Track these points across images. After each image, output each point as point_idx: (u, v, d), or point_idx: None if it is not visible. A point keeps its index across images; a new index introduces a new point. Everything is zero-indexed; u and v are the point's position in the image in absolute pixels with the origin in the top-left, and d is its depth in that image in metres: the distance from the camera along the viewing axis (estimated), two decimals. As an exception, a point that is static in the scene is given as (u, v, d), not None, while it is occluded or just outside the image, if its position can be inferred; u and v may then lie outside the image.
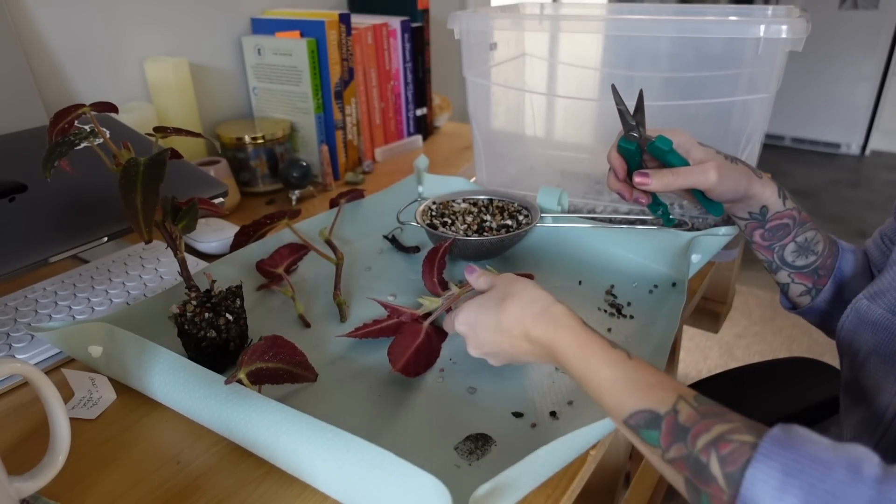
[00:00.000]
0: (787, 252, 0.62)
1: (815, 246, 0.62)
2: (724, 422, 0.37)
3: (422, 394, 0.55)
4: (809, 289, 0.64)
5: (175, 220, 0.53)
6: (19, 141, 0.73)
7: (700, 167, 0.56)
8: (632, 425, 0.41)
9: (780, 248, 0.62)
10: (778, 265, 0.63)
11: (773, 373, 0.90)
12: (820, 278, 0.63)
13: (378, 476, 0.41)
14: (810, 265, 0.62)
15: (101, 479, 0.47)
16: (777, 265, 0.64)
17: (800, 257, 0.62)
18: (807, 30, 0.66)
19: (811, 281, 0.63)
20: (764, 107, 0.73)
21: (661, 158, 0.59)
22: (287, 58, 1.00)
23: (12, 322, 0.63)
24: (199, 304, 0.56)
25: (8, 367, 0.40)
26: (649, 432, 0.39)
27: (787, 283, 0.64)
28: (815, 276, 0.63)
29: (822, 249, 0.62)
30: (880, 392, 0.52)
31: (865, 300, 0.55)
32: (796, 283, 0.64)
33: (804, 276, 0.63)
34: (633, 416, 0.40)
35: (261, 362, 0.50)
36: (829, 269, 0.63)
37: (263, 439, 0.46)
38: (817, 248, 0.62)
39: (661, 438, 0.39)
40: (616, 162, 0.61)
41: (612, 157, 0.62)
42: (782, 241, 0.61)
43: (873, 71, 3.44)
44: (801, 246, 0.62)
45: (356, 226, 0.86)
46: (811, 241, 0.61)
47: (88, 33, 0.88)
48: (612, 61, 0.87)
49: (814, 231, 0.62)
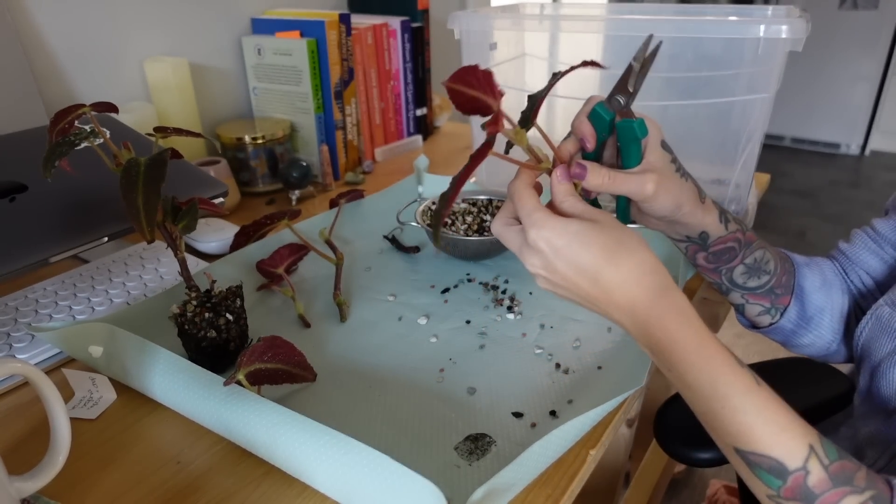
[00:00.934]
0: (737, 274, 0.58)
1: (765, 265, 0.58)
2: (854, 492, 0.36)
3: (422, 394, 0.55)
4: (768, 308, 0.61)
5: (175, 220, 0.53)
6: (20, 141, 0.73)
7: (639, 177, 0.48)
8: (749, 461, 0.39)
9: (728, 271, 0.58)
10: (728, 287, 0.60)
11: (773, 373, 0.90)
12: (778, 297, 0.60)
13: (375, 479, 0.41)
14: (764, 285, 0.59)
15: (101, 478, 0.47)
16: (727, 287, 0.60)
17: (751, 278, 0.59)
18: (807, 30, 0.67)
19: (768, 301, 0.60)
20: (764, 107, 0.73)
21: (624, 142, 0.50)
22: (287, 58, 1.00)
23: (13, 322, 0.63)
24: (200, 304, 0.56)
25: (8, 366, 0.40)
26: (769, 477, 0.38)
27: (742, 304, 0.61)
28: (771, 295, 0.60)
29: (773, 268, 0.59)
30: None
31: (887, 307, 0.53)
32: (752, 304, 0.61)
33: (759, 296, 0.60)
34: (754, 455, 0.39)
35: (260, 363, 0.50)
36: (787, 286, 0.60)
37: (262, 440, 0.46)
38: (769, 268, 0.58)
39: (782, 489, 0.38)
40: (587, 129, 0.50)
41: (581, 126, 0.50)
42: (729, 263, 0.57)
43: (873, 71, 3.44)
44: (750, 267, 0.58)
45: (356, 226, 0.86)
46: (761, 260, 0.58)
47: (89, 34, 0.88)
48: (612, 61, 0.87)
49: (762, 250, 0.58)
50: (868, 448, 0.54)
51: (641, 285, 0.40)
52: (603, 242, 0.41)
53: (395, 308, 0.68)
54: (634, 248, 0.41)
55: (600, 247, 0.41)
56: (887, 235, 0.60)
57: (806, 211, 2.95)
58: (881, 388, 0.52)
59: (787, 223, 2.80)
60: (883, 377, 0.52)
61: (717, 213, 0.54)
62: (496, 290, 0.70)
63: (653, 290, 0.40)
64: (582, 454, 0.48)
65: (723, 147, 0.79)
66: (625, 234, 0.42)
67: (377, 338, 0.63)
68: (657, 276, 0.41)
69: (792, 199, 3.08)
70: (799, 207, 2.99)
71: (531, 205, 0.43)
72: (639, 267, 0.41)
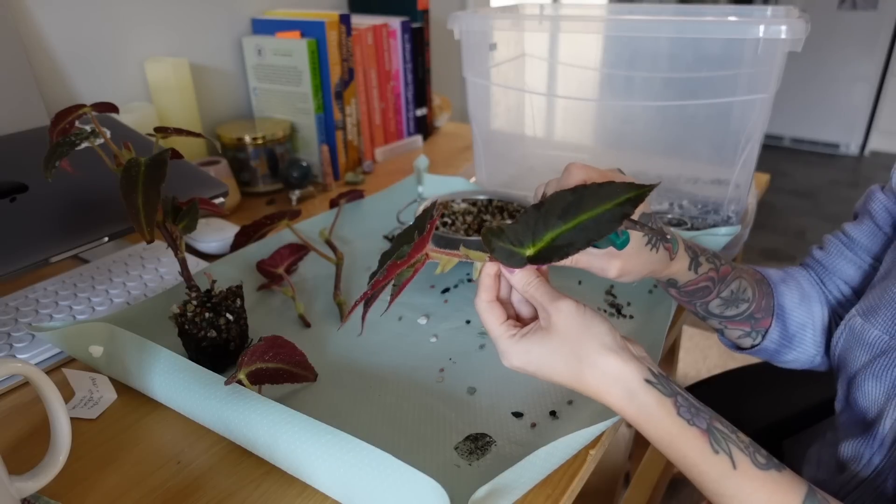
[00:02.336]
0: (713, 306, 0.57)
1: (742, 294, 0.57)
2: None
3: (422, 394, 0.55)
4: (748, 332, 0.60)
5: (175, 220, 0.53)
6: (20, 141, 0.73)
7: (601, 260, 0.48)
8: None
9: (704, 305, 0.57)
10: (704, 315, 0.59)
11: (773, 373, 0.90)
12: (758, 322, 0.59)
13: (376, 477, 0.41)
14: (742, 313, 0.58)
15: (101, 478, 0.47)
16: (703, 315, 0.59)
17: (728, 308, 0.58)
18: (806, 30, 0.67)
19: (748, 326, 0.59)
20: (763, 107, 0.74)
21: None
22: (287, 58, 1.00)
23: (13, 322, 0.63)
24: (200, 304, 0.56)
25: (9, 366, 0.40)
26: None
27: (721, 328, 0.60)
28: (751, 320, 0.59)
29: (751, 295, 0.58)
30: (882, 417, 0.49)
31: (859, 318, 0.52)
32: (731, 329, 0.60)
33: (738, 322, 0.59)
34: None
35: (260, 363, 0.50)
36: (767, 309, 0.59)
37: (263, 440, 0.46)
38: (746, 296, 0.57)
39: None
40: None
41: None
42: (704, 299, 0.57)
43: (872, 71, 3.44)
44: (727, 299, 0.57)
45: (356, 226, 0.87)
46: (737, 291, 0.57)
47: (89, 34, 0.88)
48: (612, 61, 0.87)
49: (738, 280, 0.57)
50: (851, 463, 0.53)
51: (611, 395, 0.42)
52: (565, 363, 0.42)
53: (395, 308, 0.68)
54: (594, 360, 0.41)
55: (565, 368, 0.42)
56: (862, 242, 0.59)
57: (805, 211, 2.95)
58: (858, 400, 0.52)
59: (786, 223, 2.80)
60: (859, 389, 0.51)
61: (687, 262, 0.53)
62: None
63: (621, 398, 0.41)
64: (582, 454, 0.48)
65: (722, 147, 0.79)
66: (584, 344, 0.41)
67: (377, 337, 0.63)
68: (619, 383, 0.41)
69: (791, 199, 3.08)
70: (798, 207, 2.99)
71: (495, 332, 0.44)
72: (603, 379, 0.41)
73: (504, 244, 0.39)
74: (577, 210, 0.36)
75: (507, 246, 0.39)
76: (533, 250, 0.38)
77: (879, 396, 0.49)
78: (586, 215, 0.36)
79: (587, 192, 0.36)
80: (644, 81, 0.83)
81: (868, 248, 0.59)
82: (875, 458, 0.51)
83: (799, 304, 0.61)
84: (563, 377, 0.42)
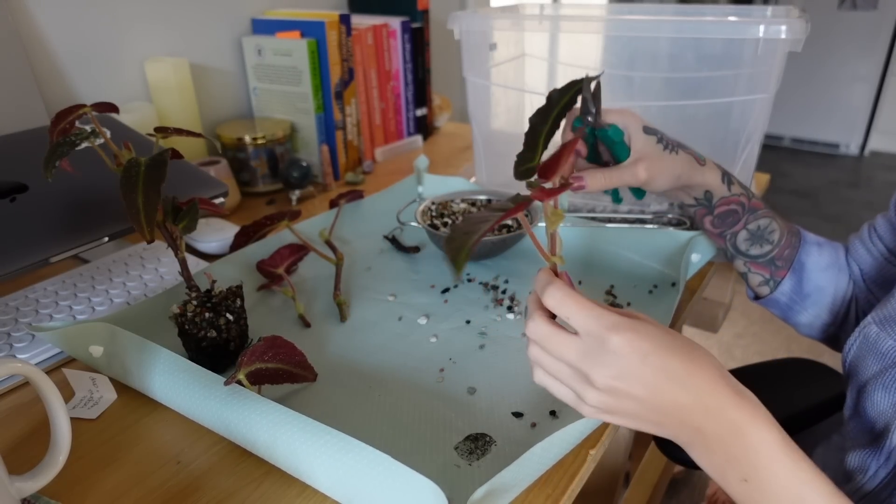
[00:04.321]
0: (740, 240, 0.61)
1: (769, 235, 0.60)
2: None
3: (422, 394, 0.55)
4: (767, 279, 0.62)
5: (176, 220, 0.53)
6: (20, 141, 0.73)
7: (630, 169, 0.55)
8: None
9: (732, 236, 0.61)
10: (732, 253, 0.63)
11: (773, 373, 0.90)
12: (777, 269, 0.61)
13: (375, 478, 0.41)
14: (766, 255, 0.61)
15: (101, 478, 0.47)
16: (731, 253, 0.63)
17: (753, 246, 0.61)
18: (806, 30, 0.67)
19: (768, 271, 0.62)
20: (763, 107, 0.74)
21: (610, 145, 0.58)
22: (287, 58, 1.00)
23: (13, 322, 0.63)
24: (200, 303, 0.56)
25: (9, 366, 0.40)
26: None
27: (745, 272, 0.63)
28: (771, 266, 0.61)
29: (777, 239, 0.60)
30: (889, 430, 0.48)
31: (875, 326, 0.51)
32: (753, 273, 0.63)
33: (760, 265, 0.62)
34: None
35: (260, 363, 0.50)
36: (787, 260, 0.61)
37: (263, 440, 0.46)
38: (772, 238, 0.60)
39: None
40: (580, 146, 0.59)
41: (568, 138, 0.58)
42: (733, 227, 0.60)
43: (872, 71, 3.44)
44: (753, 234, 0.60)
45: (356, 226, 0.87)
46: (764, 229, 0.60)
47: (89, 34, 0.88)
48: (612, 62, 0.87)
49: (768, 219, 0.60)
50: (857, 473, 0.52)
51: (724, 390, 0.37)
52: (681, 345, 0.37)
53: (395, 308, 0.68)
54: (705, 352, 0.38)
55: (683, 349, 0.37)
56: (881, 232, 0.61)
57: (805, 211, 2.95)
58: (867, 409, 0.51)
59: (786, 223, 2.80)
60: (868, 398, 0.51)
61: (719, 174, 0.58)
62: (496, 290, 0.70)
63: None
64: (582, 454, 0.48)
65: (722, 147, 0.79)
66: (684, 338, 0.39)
67: (377, 338, 0.63)
68: (733, 380, 0.38)
69: (791, 199, 3.08)
70: (798, 207, 2.99)
71: (597, 307, 0.38)
72: (720, 370, 0.38)
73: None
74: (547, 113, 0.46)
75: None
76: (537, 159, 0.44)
77: (888, 408, 0.48)
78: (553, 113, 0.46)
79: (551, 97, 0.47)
80: (644, 81, 0.83)
81: (884, 238, 0.60)
82: (881, 472, 0.49)
83: (826, 268, 0.62)
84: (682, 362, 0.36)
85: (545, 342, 0.39)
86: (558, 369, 0.40)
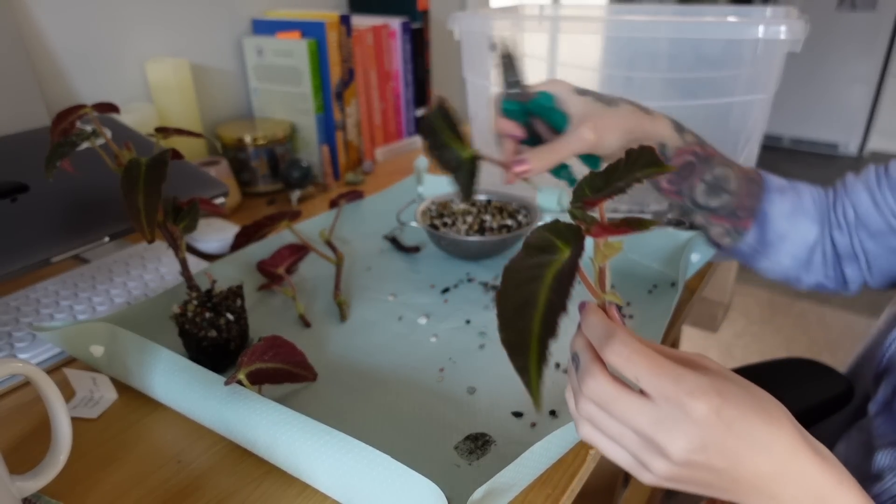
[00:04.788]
0: (698, 193, 0.58)
1: (725, 183, 0.57)
2: None
3: (422, 393, 0.55)
4: (728, 230, 0.60)
5: (176, 220, 0.54)
6: (21, 141, 0.73)
7: (575, 133, 0.51)
8: None
9: (690, 191, 0.58)
10: (691, 207, 0.59)
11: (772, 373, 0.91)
12: (740, 220, 0.59)
13: (375, 478, 0.41)
14: (726, 206, 0.58)
15: (102, 478, 0.47)
16: (690, 207, 0.60)
17: (711, 198, 0.58)
18: (805, 31, 0.67)
19: (730, 222, 0.59)
20: (762, 107, 0.74)
21: (545, 116, 0.54)
22: (287, 59, 1.00)
23: (14, 321, 0.63)
24: (200, 303, 0.57)
25: (10, 366, 0.40)
26: None
27: (705, 224, 0.61)
28: (733, 217, 0.58)
29: (735, 188, 0.58)
30: None
31: None
32: (714, 225, 0.60)
33: (720, 217, 0.59)
34: None
35: (260, 363, 0.50)
36: (749, 210, 0.59)
37: (263, 440, 0.46)
38: (729, 186, 0.57)
39: None
40: (509, 126, 0.54)
41: (503, 125, 0.55)
42: (690, 181, 0.57)
43: (871, 71, 3.44)
44: (710, 185, 0.57)
45: (356, 226, 0.87)
46: (720, 178, 0.57)
47: (90, 34, 0.88)
48: (612, 62, 0.87)
49: (723, 167, 0.57)
50: (887, 472, 0.50)
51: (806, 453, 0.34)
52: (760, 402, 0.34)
53: (395, 308, 0.68)
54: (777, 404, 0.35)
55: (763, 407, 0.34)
56: (893, 183, 0.57)
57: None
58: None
59: (786, 224, 2.80)
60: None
61: (669, 122, 0.55)
62: (496, 290, 0.71)
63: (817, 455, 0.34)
64: (582, 454, 0.48)
65: (721, 147, 0.79)
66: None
67: (377, 337, 0.63)
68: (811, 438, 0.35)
69: (791, 200, 3.08)
70: (798, 208, 2.99)
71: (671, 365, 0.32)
72: (797, 427, 0.34)
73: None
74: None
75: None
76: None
77: None
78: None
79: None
80: (643, 82, 0.83)
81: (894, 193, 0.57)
82: None
83: (788, 215, 0.59)
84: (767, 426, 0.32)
85: (609, 405, 0.33)
86: (621, 434, 0.34)
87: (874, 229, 0.58)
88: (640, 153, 0.34)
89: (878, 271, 0.60)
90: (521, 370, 0.28)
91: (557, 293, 0.28)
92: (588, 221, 0.33)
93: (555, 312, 0.28)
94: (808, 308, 2.26)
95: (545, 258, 0.31)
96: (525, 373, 0.28)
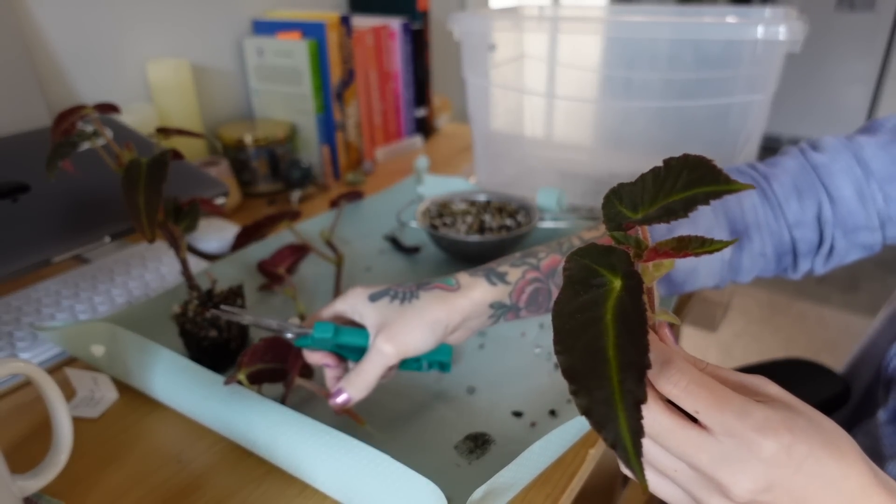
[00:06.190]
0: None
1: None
2: None
3: (421, 393, 0.55)
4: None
5: (177, 220, 0.54)
6: (22, 142, 0.73)
7: (373, 350, 0.45)
8: None
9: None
10: None
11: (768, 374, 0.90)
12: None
13: (375, 478, 0.41)
14: None
15: (103, 477, 0.47)
16: None
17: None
18: (804, 31, 0.67)
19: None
20: (761, 108, 0.74)
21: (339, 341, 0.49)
22: (288, 59, 1.00)
23: (15, 321, 0.63)
24: (201, 303, 0.57)
25: (11, 366, 0.40)
26: None
27: None
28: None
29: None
30: None
31: None
32: None
33: None
34: None
35: (260, 363, 0.50)
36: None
37: (263, 440, 0.46)
38: None
39: None
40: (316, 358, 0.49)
41: (311, 359, 0.50)
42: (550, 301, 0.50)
43: (870, 72, 3.45)
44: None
45: (356, 226, 0.87)
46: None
47: (91, 35, 0.88)
48: (612, 62, 0.87)
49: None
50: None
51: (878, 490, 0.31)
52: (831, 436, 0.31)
53: (396, 308, 0.68)
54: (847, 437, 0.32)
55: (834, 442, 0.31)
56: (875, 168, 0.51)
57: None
58: None
59: (785, 224, 2.80)
60: None
61: (481, 277, 0.48)
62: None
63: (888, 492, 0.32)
64: (581, 453, 0.48)
65: (721, 148, 0.80)
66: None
67: (377, 337, 0.63)
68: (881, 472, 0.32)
69: (791, 200, 3.08)
70: (797, 208, 2.99)
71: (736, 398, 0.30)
72: (867, 462, 0.32)
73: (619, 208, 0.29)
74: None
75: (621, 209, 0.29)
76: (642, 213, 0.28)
77: None
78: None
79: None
80: (643, 82, 0.84)
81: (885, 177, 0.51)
82: None
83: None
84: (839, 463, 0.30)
85: (663, 438, 0.30)
86: (675, 469, 0.31)
87: (851, 225, 0.54)
88: (684, 162, 0.27)
89: (835, 263, 0.56)
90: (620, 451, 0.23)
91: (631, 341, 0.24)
92: (636, 246, 0.28)
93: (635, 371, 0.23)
94: (807, 308, 2.26)
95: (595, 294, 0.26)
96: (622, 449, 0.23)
